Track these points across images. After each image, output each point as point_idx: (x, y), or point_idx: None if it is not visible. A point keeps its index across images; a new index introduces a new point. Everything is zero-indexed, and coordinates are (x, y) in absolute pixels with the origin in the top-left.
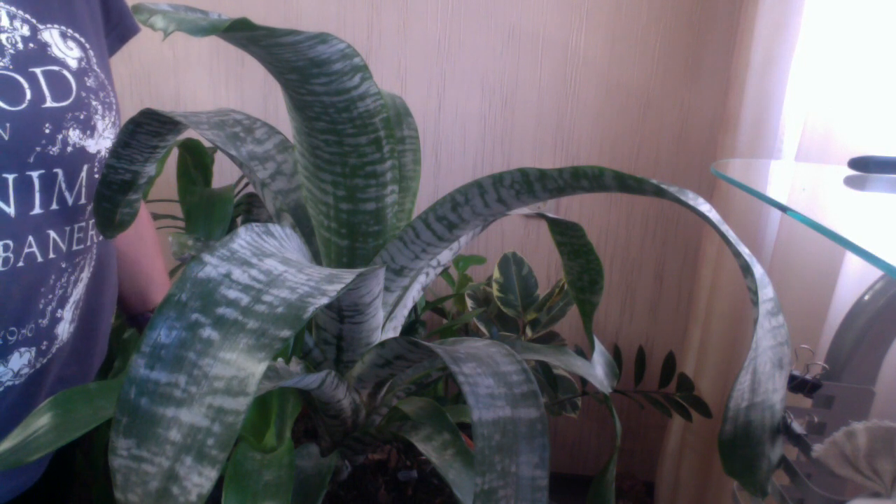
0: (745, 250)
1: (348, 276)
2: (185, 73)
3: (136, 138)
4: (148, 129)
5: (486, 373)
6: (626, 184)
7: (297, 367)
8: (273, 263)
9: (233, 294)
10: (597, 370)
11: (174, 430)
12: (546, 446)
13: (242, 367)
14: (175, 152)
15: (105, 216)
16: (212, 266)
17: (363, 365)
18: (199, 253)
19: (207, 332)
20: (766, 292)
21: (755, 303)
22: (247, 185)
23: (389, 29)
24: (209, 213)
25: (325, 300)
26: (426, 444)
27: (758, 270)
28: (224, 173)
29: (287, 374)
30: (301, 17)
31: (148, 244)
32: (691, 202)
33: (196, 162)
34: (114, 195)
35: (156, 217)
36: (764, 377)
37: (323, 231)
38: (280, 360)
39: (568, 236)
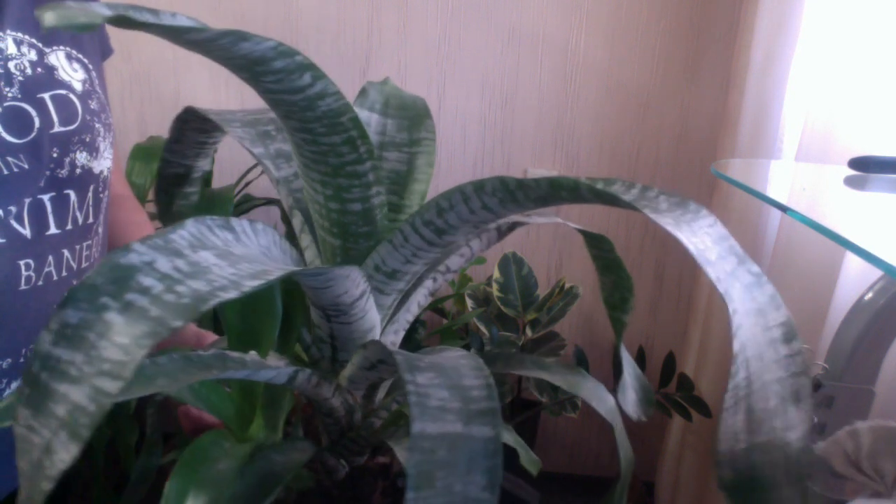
0: (725, 287)
1: (277, 272)
2: (185, 73)
3: (185, 135)
4: (193, 125)
5: (443, 384)
6: (602, 197)
7: (276, 360)
8: (206, 256)
9: (148, 282)
10: (628, 395)
11: (61, 406)
12: (498, 469)
13: (129, 352)
14: None
15: (164, 206)
16: (137, 254)
17: (353, 366)
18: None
19: (111, 316)
20: (777, 316)
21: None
22: (247, 185)
23: (389, 29)
24: (209, 214)
25: (233, 294)
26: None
27: (767, 290)
28: (224, 173)
29: (254, 365)
30: (301, 17)
31: (143, 229)
32: (671, 228)
33: None
34: (169, 187)
35: (156, 217)
36: (767, 415)
37: (319, 230)
38: (252, 352)
39: (599, 249)
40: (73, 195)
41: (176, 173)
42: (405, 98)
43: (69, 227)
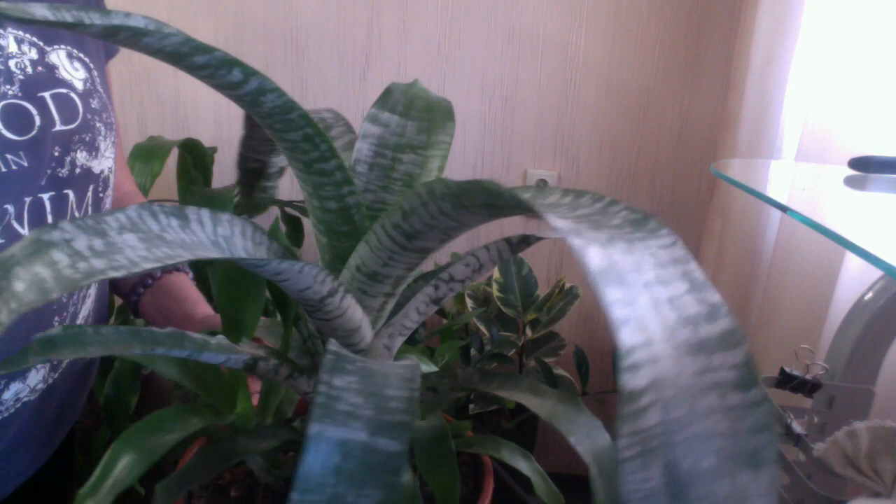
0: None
1: (185, 257)
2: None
3: (255, 131)
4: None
5: (361, 390)
6: (521, 206)
7: (250, 347)
8: (129, 238)
9: (58, 257)
10: None
11: None
12: (397, 487)
13: (9, 316)
14: (175, 152)
15: (244, 198)
16: (61, 231)
17: None
18: None
19: (17, 284)
20: (729, 357)
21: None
22: None
23: (389, 29)
24: None
25: (123, 273)
26: None
27: (721, 325)
28: (224, 173)
29: (217, 348)
30: (301, 16)
31: None
32: (574, 240)
33: (196, 162)
34: (248, 180)
35: None
36: (701, 477)
37: (312, 227)
38: (220, 335)
39: None
40: (71, 195)
41: (252, 168)
42: (431, 100)
43: None
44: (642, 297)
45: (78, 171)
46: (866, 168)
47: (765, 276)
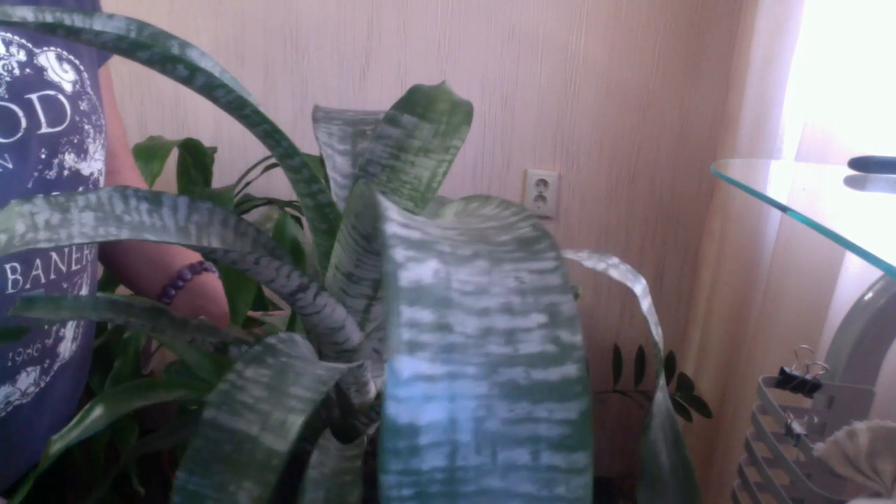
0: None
1: (124, 236)
2: None
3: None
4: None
5: (269, 385)
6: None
7: (236, 332)
8: (86, 216)
9: (18, 226)
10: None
11: None
12: (271, 485)
13: None
14: (175, 152)
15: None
16: (31, 205)
17: None
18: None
19: None
20: (558, 410)
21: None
22: (247, 185)
23: (389, 29)
24: None
25: (53, 245)
26: None
27: (564, 371)
28: (224, 173)
29: (193, 329)
30: (301, 16)
31: None
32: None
33: (196, 162)
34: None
35: None
36: None
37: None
38: (202, 317)
39: None
40: None
41: None
42: (454, 101)
43: None
44: (466, 324)
45: (66, 173)
46: (866, 168)
47: (765, 276)
